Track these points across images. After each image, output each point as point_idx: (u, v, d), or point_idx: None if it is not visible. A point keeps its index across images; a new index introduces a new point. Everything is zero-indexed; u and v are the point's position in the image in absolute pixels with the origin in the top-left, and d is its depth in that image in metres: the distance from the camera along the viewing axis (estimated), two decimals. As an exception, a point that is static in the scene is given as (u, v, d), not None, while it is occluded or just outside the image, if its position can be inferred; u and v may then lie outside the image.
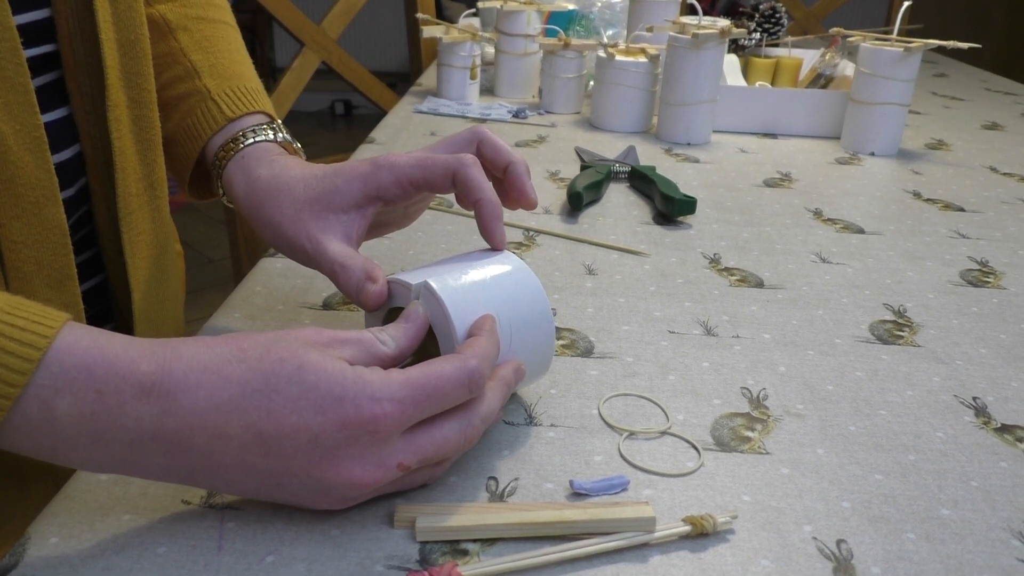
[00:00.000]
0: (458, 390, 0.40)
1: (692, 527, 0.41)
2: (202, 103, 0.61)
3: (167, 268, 0.66)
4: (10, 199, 0.49)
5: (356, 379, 0.38)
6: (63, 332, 0.37)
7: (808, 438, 0.50)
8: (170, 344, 0.39)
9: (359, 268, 0.48)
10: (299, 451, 0.38)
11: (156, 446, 0.37)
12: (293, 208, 0.52)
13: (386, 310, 0.48)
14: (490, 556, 0.40)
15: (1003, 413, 0.54)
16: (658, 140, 1.14)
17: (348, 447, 0.38)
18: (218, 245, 2.89)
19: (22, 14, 0.51)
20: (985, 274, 0.75)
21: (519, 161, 0.51)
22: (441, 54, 1.25)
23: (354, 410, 0.37)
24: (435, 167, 0.49)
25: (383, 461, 0.39)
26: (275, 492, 0.40)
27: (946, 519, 0.44)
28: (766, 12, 1.33)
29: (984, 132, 1.26)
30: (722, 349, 0.60)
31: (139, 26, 0.58)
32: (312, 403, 0.37)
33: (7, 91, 0.48)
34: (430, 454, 0.40)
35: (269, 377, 0.38)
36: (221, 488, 0.40)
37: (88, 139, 0.57)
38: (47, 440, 0.36)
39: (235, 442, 0.37)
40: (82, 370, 0.36)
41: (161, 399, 0.37)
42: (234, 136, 0.59)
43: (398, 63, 4.63)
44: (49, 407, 0.36)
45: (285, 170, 0.54)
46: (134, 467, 0.38)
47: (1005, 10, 4.08)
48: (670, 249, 0.77)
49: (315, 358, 0.38)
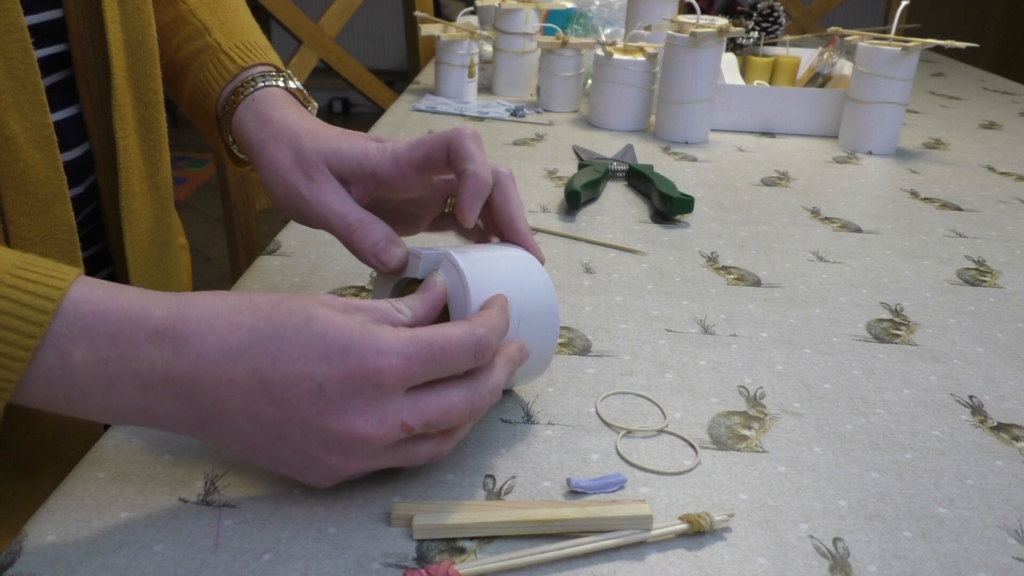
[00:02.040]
0: (464, 355, 0.40)
1: (689, 525, 0.41)
2: (213, 57, 0.61)
3: (170, 265, 0.67)
4: (20, 196, 0.50)
5: (363, 332, 0.38)
6: (76, 283, 0.38)
7: (805, 436, 0.50)
8: (183, 294, 0.39)
9: (379, 229, 0.48)
10: (303, 400, 0.37)
11: (167, 390, 0.38)
12: (296, 156, 0.51)
13: (394, 281, 0.49)
14: (487, 554, 0.40)
15: (999, 412, 0.54)
16: (656, 139, 1.14)
17: (352, 398, 0.38)
18: (216, 243, 2.89)
19: (35, 14, 0.52)
20: (982, 273, 0.75)
21: (479, 174, 0.47)
22: (439, 52, 1.25)
23: (359, 361, 0.37)
24: (432, 140, 0.48)
25: (386, 417, 0.38)
26: (278, 447, 0.39)
27: (942, 517, 0.44)
28: (764, 11, 1.33)
29: (982, 131, 1.26)
30: (719, 348, 0.60)
31: (147, 27, 0.59)
32: (318, 352, 0.37)
33: (18, 90, 0.49)
34: (435, 418, 0.40)
35: (278, 326, 0.38)
36: (228, 441, 0.40)
37: (96, 138, 0.57)
38: (62, 390, 0.37)
39: (241, 388, 0.37)
40: (96, 317, 0.37)
41: (172, 343, 0.37)
42: (244, 81, 0.59)
43: (396, 61, 4.62)
44: (65, 355, 0.36)
45: (298, 120, 0.54)
46: (146, 414, 0.38)
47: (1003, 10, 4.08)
48: (668, 248, 0.77)
49: (325, 312, 0.38)
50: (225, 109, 0.59)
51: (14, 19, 0.47)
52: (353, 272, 0.69)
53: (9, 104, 0.48)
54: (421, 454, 0.41)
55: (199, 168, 3.62)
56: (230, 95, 0.59)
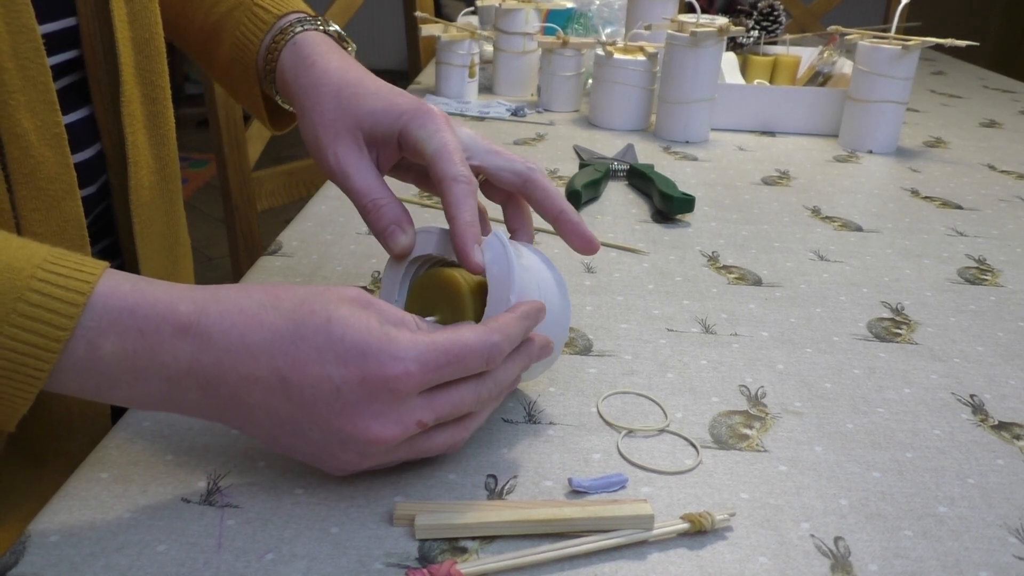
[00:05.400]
0: (476, 360, 0.41)
1: (690, 525, 0.41)
2: (247, 12, 0.61)
3: (179, 259, 0.68)
4: (31, 192, 0.51)
5: (382, 336, 0.39)
6: (104, 278, 0.39)
7: (806, 436, 0.50)
8: (209, 289, 0.40)
9: (389, 213, 0.48)
10: (320, 400, 0.38)
11: (192, 382, 0.39)
12: (334, 111, 0.51)
13: (409, 259, 0.50)
14: (489, 554, 0.40)
15: (1000, 411, 0.54)
16: (656, 138, 1.14)
17: (368, 403, 0.38)
18: (217, 244, 2.89)
19: (52, 23, 0.53)
20: (983, 272, 0.75)
21: (570, 209, 0.52)
22: (440, 52, 1.25)
23: (377, 367, 0.38)
24: (432, 171, 0.48)
25: (402, 419, 0.39)
26: (297, 442, 0.40)
27: (943, 516, 0.44)
28: (764, 10, 1.33)
29: (982, 130, 1.26)
30: (720, 347, 0.60)
31: (154, 25, 0.59)
32: (336, 355, 0.38)
33: (30, 90, 0.50)
34: (447, 411, 0.41)
35: (299, 326, 0.39)
36: (249, 430, 0.41)
37: (107, 137, 0.59)
38: (92, 379, 0.38)
39: (262, 384, 0.38)
40: (124, 311, 0.38)
41: (197, 338, 0.38)
42: (282, 29, 0.58)
43: (396, 61, 4.62)
44: (95, 347, 0.37)
45: (340, 67, 0.54)
46: (172, 403, 0.40)
47: (1003, 8, 4.08)
48: (668, 247, 0.77)
49: (345, 313, 0.39)
50: (267, 59, 0.58)
51: (26, 21, 0.48)
52: (355, 272, 0.69)
53: (21, 103, 0.49)
54: (436, 445, 0.42)
55: (200, 168, 3.62)
56: (270, 44, 0.58)
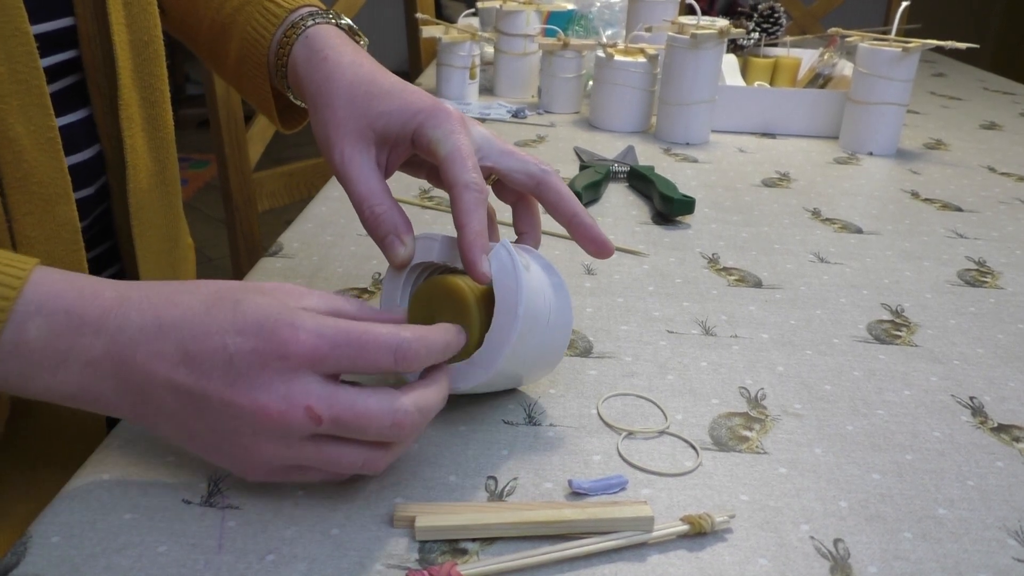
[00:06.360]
0: (382, 352, 0.38)
1: (690, 526, 0.41)
2: (259, 7, 0.60)
3: (178, 262, 0.68)
4: (24, 196, 0.51)
5: (286, 311, 0.38)
6: (36, 271, 0.40)
7: (806, 438, 0.50)
8: (134, 282, 0.41)
9: (388, 223, 0.48)
10: (215, 371, 0.38)
11: (108, 365, 0.39)
12: (345, 109, 0.50)
13: (403, 273, 0.50)
14: (489, 555, 0.40)
15: (1000, 413, 0.54)
16: (657, 140, 1.14)
17: (259, 372, 0.37)
18: (217, 244, 2.89)
19: (48, 22, 0.52)
20: (983, 274, 0.75)
21: (583, 211, 0.52)
22: (440, 54, 1.25)
23: (269, 334, 0.38)
24: (444, 176, 0.47)
25: (291, 395, 0.37)
26: (200, 428, 0.39)
27: (943, 518, 0.44)
28: (765, 12, 1.33)
29: (982, 132, 1.26)
30: (720, 349, 0.60)
31: (152, 28, 0.59)
32: (236, 326, 0.38)
33: (23, 94, 0.49)
34: (347, 417, 0.38)
35: (210, 305, 0.39)
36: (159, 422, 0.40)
37: (106, 139, 0.58)
38: (17, 366, 0.39)
39: (167, 360, 0.38)
40: (52, 295, 0.39)
41: (117, 318, 0.39)
42: (294, 23, 0.58)
43: (397, 62, 4.62)
44: (22, 331, 0.38)
45: (353, 63, 0.53)
46: (88, 392, 0.40)
47: (1003, 10, 4.08)
48: (668, 249, 0.77)
49: (259, 298, 0.39)
50: (279, 53, 0.58)
51: (19, 24, 0.48)
52: (355, 274, 0.69)
53: (14, 107, 0.49)
54: (345, 459, 0.39)
55: (200, 169, 3.62)
56: (282, 38, 0.58)
